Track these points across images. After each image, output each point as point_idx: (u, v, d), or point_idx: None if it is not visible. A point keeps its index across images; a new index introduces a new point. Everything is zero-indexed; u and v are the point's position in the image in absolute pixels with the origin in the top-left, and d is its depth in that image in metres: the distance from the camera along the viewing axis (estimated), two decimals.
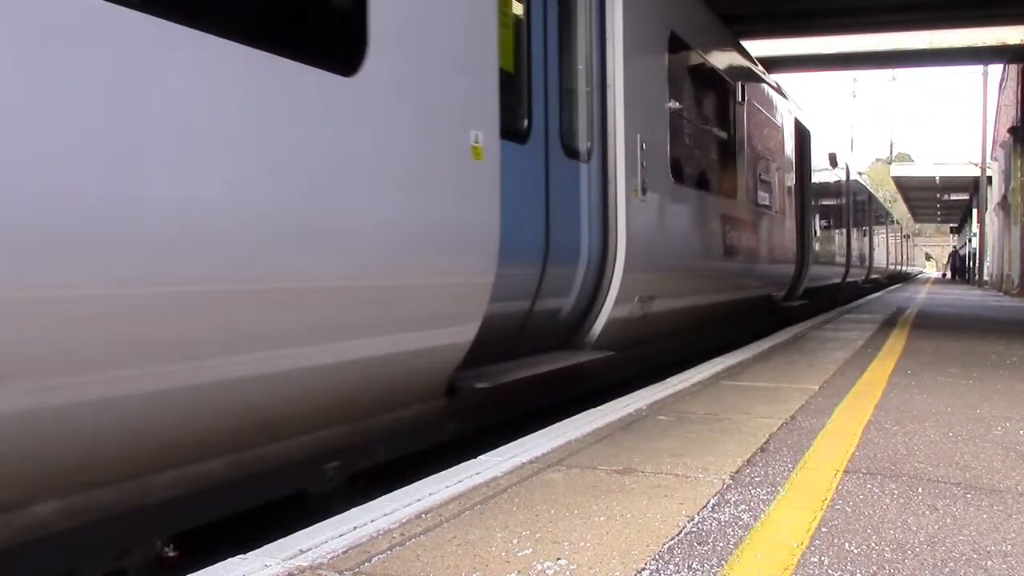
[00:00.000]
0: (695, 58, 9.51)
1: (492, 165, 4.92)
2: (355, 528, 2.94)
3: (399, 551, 2.74)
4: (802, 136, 15.99)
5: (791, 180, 14.71)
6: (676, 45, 8.46)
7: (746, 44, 12.82)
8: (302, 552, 2.71)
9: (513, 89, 5.62)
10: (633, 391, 6.18)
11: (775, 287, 13.74)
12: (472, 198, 4.76)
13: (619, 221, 6.72)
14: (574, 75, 6.56)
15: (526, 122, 5.79)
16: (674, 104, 8.44)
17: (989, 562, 2.70)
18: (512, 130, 5.50)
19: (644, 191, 7.13)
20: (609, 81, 6.79)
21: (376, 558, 2.68)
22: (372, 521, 3.02)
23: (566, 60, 6.42)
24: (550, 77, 6.11)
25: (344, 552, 2.72)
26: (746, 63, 12.14)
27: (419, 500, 3.30)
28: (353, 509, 3.20)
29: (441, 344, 4.68)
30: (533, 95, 5.89)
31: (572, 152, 6.38)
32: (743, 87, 11.45)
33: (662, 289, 7.78)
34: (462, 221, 4.69)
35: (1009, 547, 2.85)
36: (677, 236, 8.43)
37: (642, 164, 7.09)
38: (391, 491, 3.47)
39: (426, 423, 4.88)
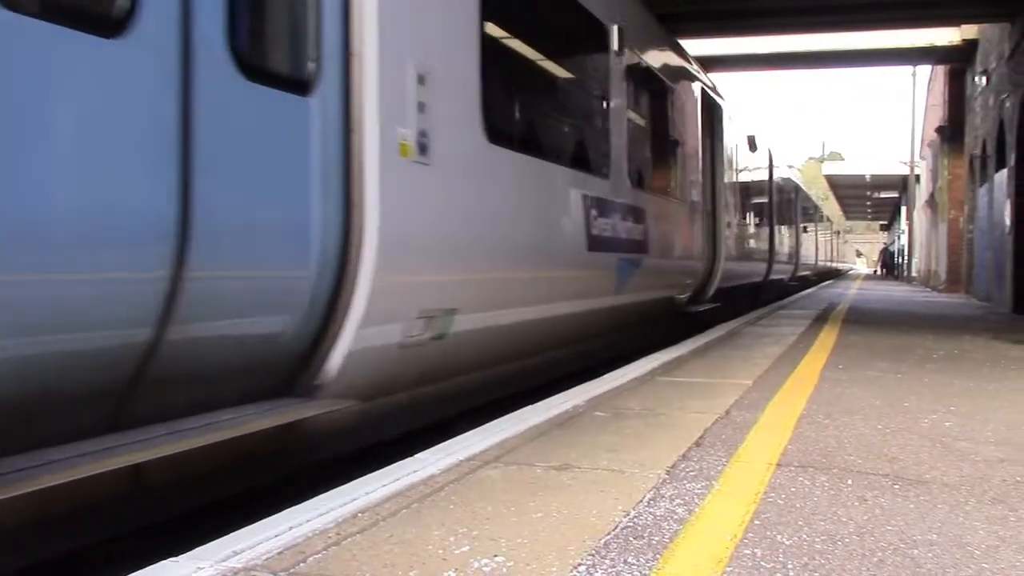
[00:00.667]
0: None
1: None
2: (290, 528, 2.91)
3: (335, 551, 2.72)
4: (712, 114, 13.67)
5: (695, 162, 12.34)
6: None
7: (681, 43, 12.77)
8: (236, 554, 2.67)
9: None
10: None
11: (676, 289, 11.31)
12: None
13: (368, 196, 4.29)
14: None
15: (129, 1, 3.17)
16: (492, 26, 5.84)
17: (916, 551, 2.77)
18: (73, 8, 3.10)
19: (423, 149, 4.75)
20: None
21: (312, 558, 2.65)
22: (308, 521, 2.99)
23: None
24: None
25: (279, 553, 2.69)
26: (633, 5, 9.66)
27: (355, 499, 3.27)
28: (289, 509, 3.17)
29: None
30: None
31: (262, 72, 3.92)
32: (621, 32, 8.59)
33: (473, 298, 5.54)
34: None
35: (935, 536, 2.92)
36: (501, 222, 5.97)
37: (420, 106, 4.73)
38: (328, 490, 3.44)
39: None
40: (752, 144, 18.01)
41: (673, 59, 11.42)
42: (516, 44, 6.60)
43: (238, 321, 3.82)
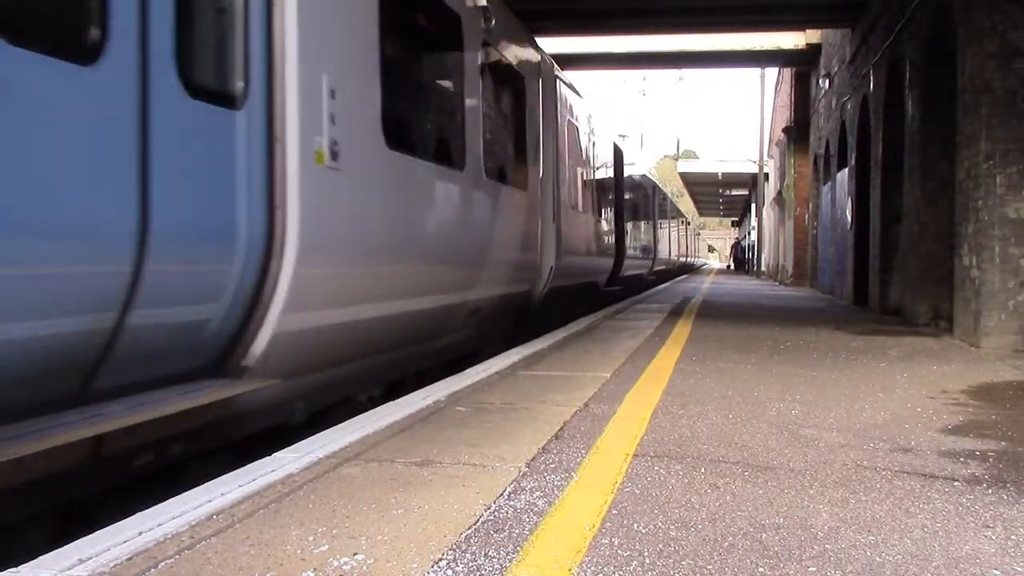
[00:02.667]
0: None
1: None
2: (140, 533, 2.80)
3: (188, 555, 2.64)
4: (619, 157, 19.62)
5: (613, 191, 17.94)
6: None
7: (540, 41, 12.89)
8: (81, 562, 2.56)
9: None
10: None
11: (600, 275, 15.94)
12: None
13: (290, 196, 4.82)
14: None
15: (96, 29, 3.64)
16: (394, 47, 6.53)
17: (764, 535, 2.88)
18: (55, 38, 3.53)
19: (335, 155, 5.30)
20: None
21: (163, 563, 2.57)
22: (159, 525, 2.89)
23: None
24: None
25: (128, 559, 2.59)
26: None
27: (210, 501, 3.18)
28: (139, 513, 3.05)
29: None
30: None
31: (202, 90, 4.36)
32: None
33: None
34: None
35: (782, 520, 3.05)
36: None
37: (331, 117, 5.25)
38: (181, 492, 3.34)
39: None
40: (618, 151, 20.74)
41: (579, 108, 14.22)
42: (409, 59, 7.38)
43: (159, 310, 4.14)
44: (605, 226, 19.09)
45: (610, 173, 20.93)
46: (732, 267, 61.48)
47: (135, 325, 3.91)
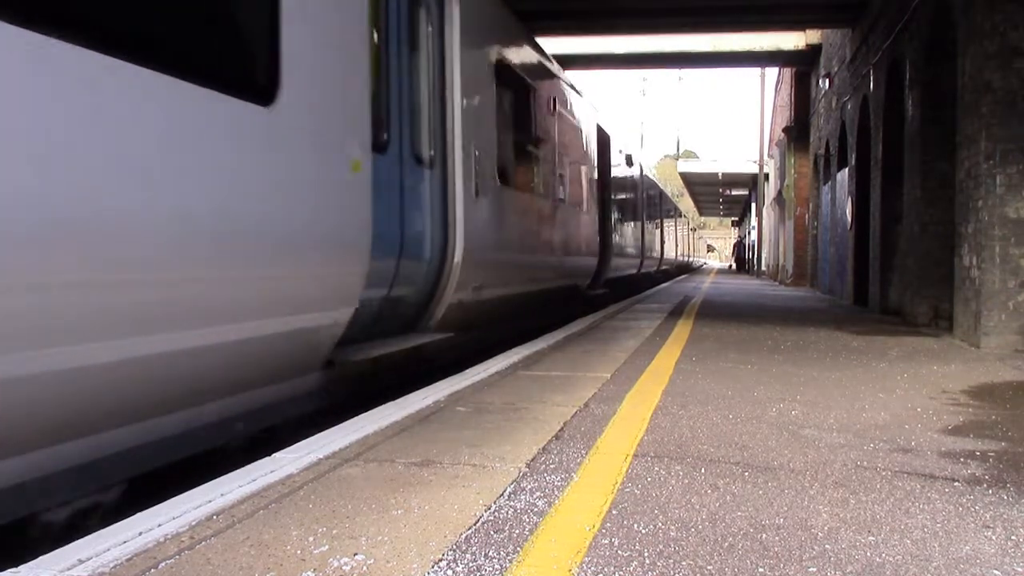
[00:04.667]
0: (511, 73, 10.16)
1: (366, 175, 5.63)
2: (140, 534, 2.80)
3: (188, 555, 2.64)
4: (604, 141, 17.27)
5: (593, 181, 15.98)
6: (500, 66, 9.38)
7: (540, 41, 12.89)
8: (81, 562, 2.56)
9: (376, 107, 6.18)
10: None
11: (580, 278, 14.81)
12: (353, 203, 5.49)
13: (458, 220, 7.55)
14: (419, 92, 7.22)
15: (386, 135, 6.40)
16: (500, 114, 9.33)
17: (764, 535, 2.88)
18: (376, 143, 6.08)
19: (478, 193, 8.11)
20: (448, 97, 7.60)
21: (163, 564, 2.57)
22: (159, 525, 2.89)
23: (414, 79, 7.09)
24: (403, 94, 6.78)
25: (128, 560, 2.59)
26: (560, 82, 13.25)
27: (210, 501, 3.18)
28: (139, 513, 3.05)
29: (325, 324, 5.36)
30: (391, 111, 6.53)
31: (419, 160, 7.08)
32: (556, 101, 12.67)
33: (493, 279, 8.83)
34: (341, 219, 5.35)
35: (782, 520, 3.05)
36: (504, 233, 9.34)
37: (476, 170, 8.08)
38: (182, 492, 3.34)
39: (309, 393, 5.59)
40: (629, 161, 20.69)
41: (579, 104, 14.55)
42: (508, 123, 9.96)
43: (401, 288, 6.83)
44: (584, 219, 18.73)
45: (636, 184, 21.22)
46: (734, 267, 60.11)
47: (392, 296, 6.64)
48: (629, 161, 21.92)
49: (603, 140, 17.42)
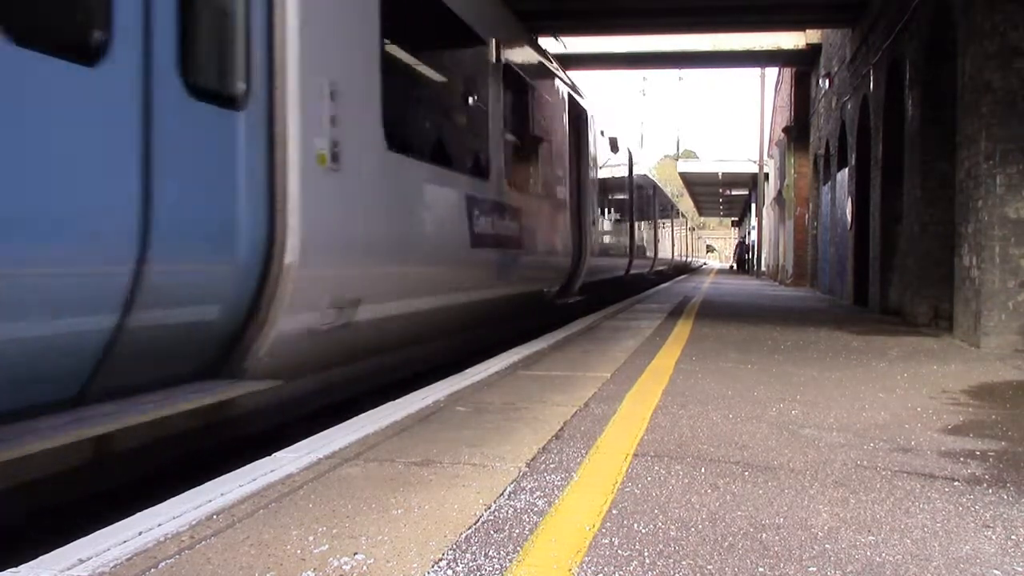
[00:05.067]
0: None
1: None
2: (140, 533, 2.80)
3: (188, 555, 2.64)
4: (579, 118, 14.43)
5: (564, 164, 12.97)
6: None
7: (540, 41, 12.79)
8: (81, 562, 2.56)
9: None
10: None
11: (545, 282, 12.03)
12: None
13: (290, 196, 4.89)
14: None
15: (104, 34, 3.77)
16: (394, 45, 6.62)
17: (764, 535, 2.88)
18: (60, 40, 3.62)
19: (336, 157, 5.37)
20: None
21: (163, 563, 2.57)
22: (159, 525, 2.89)
23: None
24: None
25: (128, 559, 2.59)
26: (508, 19, 10.39)
27: (210, 501, 3.18)
28: (139, 513, 3.05)
29: None
30: None
31: (205, 92, 4.45)
32: (500, 46, 9.53)
33: (376, 290, 6.16)
34: None
35: (781, 520, 3.05)
36: (399, 221, 6.56)
37: (334, 121, 5.34)
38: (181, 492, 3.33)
39: None
40: (614, 146, 18.57)
41: (547, 71, 12.04)
42: (411, 64, 7.36)
43: (159, 311, 4.21)
44: (621, 229, 17.23)
45: (623, 174, 19.29)
46: (735, 267, 58.71)
47: (136, 326, 4.13)
48: (614, 146, 18.70)
49: (578, 116, 14.30)
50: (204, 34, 4.50)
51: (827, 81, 20.46)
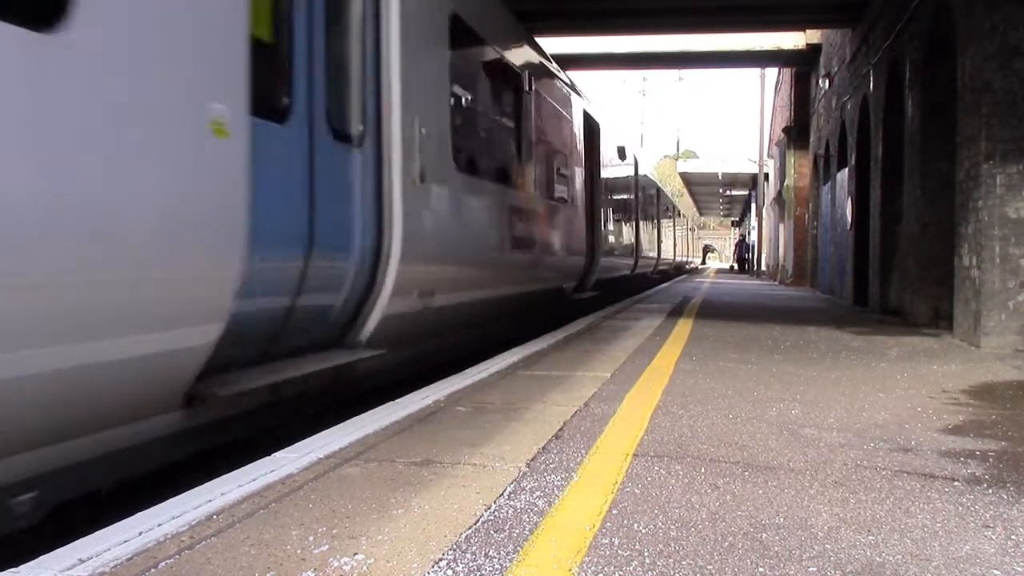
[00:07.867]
0: (480, 44, 9.08)
1: (238, 144, 4.27)
2: (140, 533, 2.80)
3: (188, 555, 2.64)
4: (592, 130, 15.79)
5: (580, 173, 14.45)
6: (459, 28, 7.98)
7: (540, 41, 12.80)
8: (82, 562, 2.56)
9: (269, 61, 5.01)
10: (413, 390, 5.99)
11: (565, 279, 13.43)
12: (210, 180, 4.10)
13: (395, 210, 6.26)
14: (345, 51, 6.02)
15: (287, 99, 5.19)
16: (458, 90, 8.08)
17: (764, 535, 2.88)
18: (268, 107, 4.91)
19: (424, 178, 6.73)
20: (385, 57, 6.27)
21: (163, 563, 2.57)
22: (159, 525, 2.89)
23: (335, 34, 5.82)
24: (315, 51, 5.49)
25: (129, 559, 2.59)
26: (536, 55, 11.77)
27: (210, 501, 3.18)
28: (139, 513, 3.05)
29: (174, 348, 3.98)
30: (295, 68, 5.27)
31: (340, 133, 5.85)
32: (531, 77, 11.07)
33: (445, 283, 7.49)
34: (196, 206, 4.01)
35: (782, 520, 3.05)
36: (462, 228, 8.02)
37: (421, 150, 6.68)
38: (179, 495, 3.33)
39: (157, 440, 4.19)
40: (621, 153, 19.56)
41: (566, 91, 13.52)
42: (470, 100, 8.79)
43: (314, 296, 5.62)
44: (626, 231, 18.96)
45: (629, 180, 20.13)
46: (736, 268, 57.78)
47: (301, 306, 5.49)
48: (622, 154, 20.38)
49: (591, 129, 15.78)
50: (339, 92, 5.89)
51: (827, 81, 20.46)
